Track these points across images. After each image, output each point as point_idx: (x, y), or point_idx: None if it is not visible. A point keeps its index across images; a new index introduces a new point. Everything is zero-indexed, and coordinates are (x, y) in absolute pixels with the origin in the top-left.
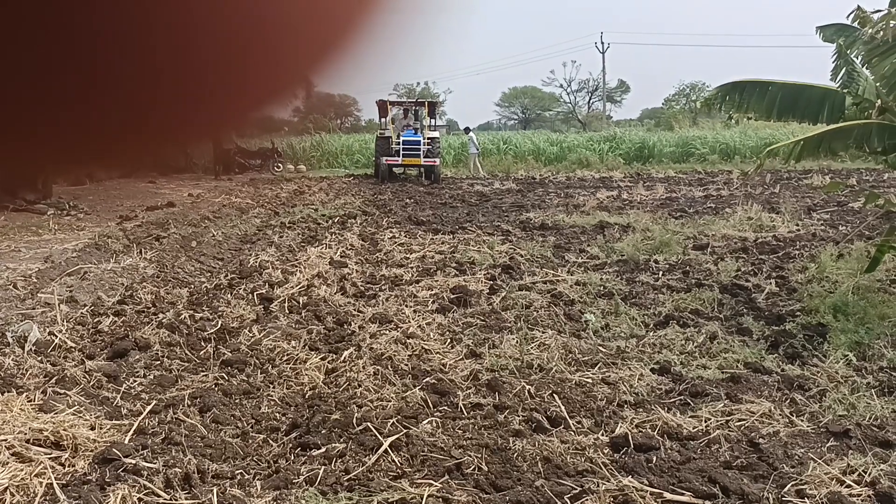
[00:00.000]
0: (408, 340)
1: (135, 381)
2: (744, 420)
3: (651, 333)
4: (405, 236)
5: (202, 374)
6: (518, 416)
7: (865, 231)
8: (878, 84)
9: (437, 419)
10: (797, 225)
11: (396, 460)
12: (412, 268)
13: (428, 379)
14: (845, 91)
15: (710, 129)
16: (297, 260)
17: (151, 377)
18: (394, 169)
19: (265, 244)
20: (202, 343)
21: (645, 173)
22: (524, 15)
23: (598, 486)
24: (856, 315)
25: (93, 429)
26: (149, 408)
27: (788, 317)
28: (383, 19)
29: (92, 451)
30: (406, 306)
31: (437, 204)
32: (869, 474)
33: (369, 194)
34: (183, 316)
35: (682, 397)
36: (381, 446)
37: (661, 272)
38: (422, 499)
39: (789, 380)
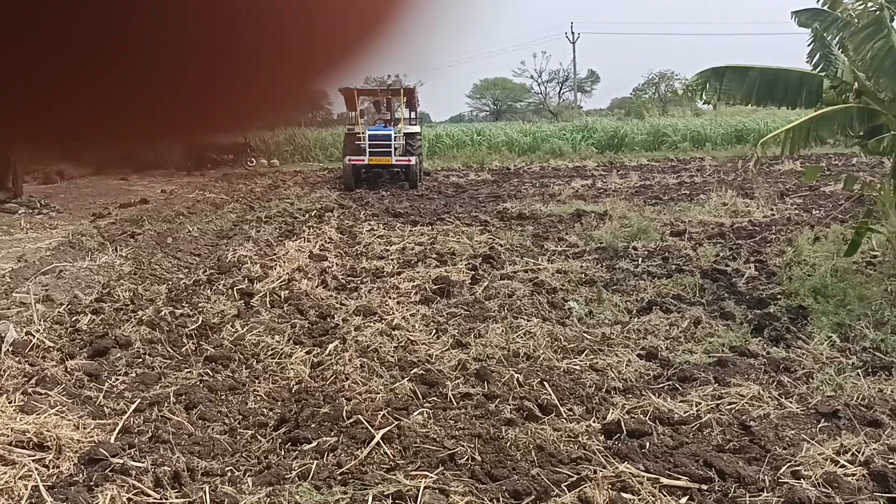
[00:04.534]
0: (393, 332)
1: (117, 380)
2: (734, 403)
3: (635, 320)
4: (384, 228)
5: (186, 370)
6: (509, 404)
7: (838, 215)
8: (854, 68)
9: (428, 410)
10: (771, 210)
11: (389, 452)
12: (393, 260)
13: (416, 370)
14: (822, 74)
15: (680, 117)
16: (275, 254)
17: (134, 375)
18: (363, 171)
19: (242, 239)
20: (184, 339)
21: (618, 162)
22: (493, 6)
23: (595, 472)
24: (836, 297)
25: (77, 429)
26: (133, 406)
27: (769, 300)
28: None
29: (77, 451)
30: (389, 298)
31: (414, 196)
32: (862, 454)
33: (345, 187)
34: (163, 312)
35: (670, 382)
36: (372, 439)
37: (640, 259)
38: (418, 491)
39: (775, 362)
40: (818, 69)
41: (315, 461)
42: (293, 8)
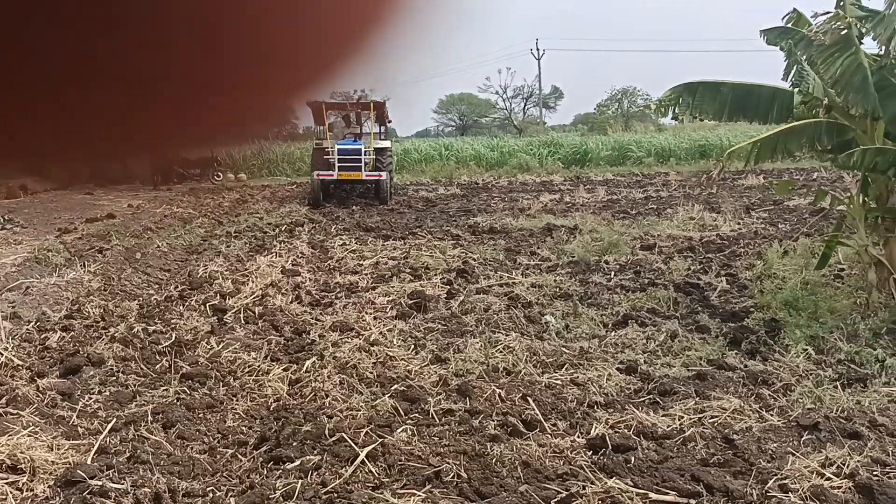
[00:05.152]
0: (371, 348)
1: (91, 399)
2: (716, 417)
3: (612, 333)
4: (356, 243)
5: (162, 388)
6: (492, 420)
7: (805, 230)
8: (825, 84)
9: (411, 427)
10: (738, 223)
11: (374, 471)
12: (366, 274)
13: (396, 386)
14: (796, 90)
15: (643, 133)
16: (246, 269)
17: (108, 393)
18: (332, 186)
19: (212, 254)
20: (157, 357)
21: (584, 177)
22: (461, 22)
23: (583, 488)
24: (807, 310)
25: (51, 450)
26: (109, 426)
27: (743, 313)
28: (404, 16)
29: (52, 473)
30: (365, 313)
31: (385, 210)
32: (847, 466)
33: (312, 203)
34: (135, 329)
35: (651, 396)
36: (357, 457)
37: (612, 272)
38: None
39: (753, 375)
40: (792, 85)
41: (299, 480)
42: (277, 26)
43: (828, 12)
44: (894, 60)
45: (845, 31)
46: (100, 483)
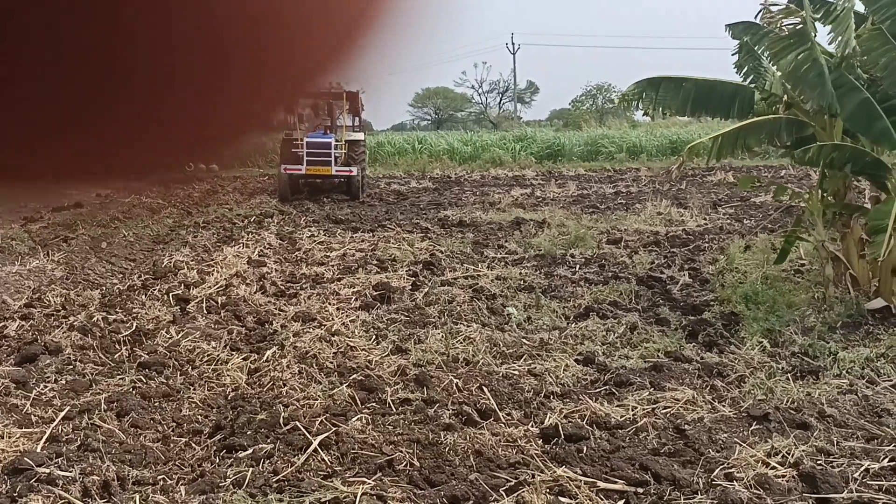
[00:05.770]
0: (332, 338)
1: (45, 387)
2: (669, 407)
3: (572, 325)
4: (324, 235)
5: (118, 377)
6: (448, 409)
7: (767, 224)
8: (782, 80)
9: (367, 416)
10: (705, 219)
11: (326, 459)
12: (333, 266)
13: (355, 376)
14: (753, 86)
15: (617, 129)
16: (213, 260)
17: (63, 382)
18: (301, 181)
19: (179, 244)
20: (117, 346)
21: (556, 171)
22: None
23: (533, 477)
24: (766, 304)
25: (1, 438)
26: (62, 414)
27: (703, 307)
28: (393, 13)
29: (0, 461)
30: (329, 304)
31: (355, 203)
32: (792, 455)
33: (279, 198)
34: (95, 318)
35: (607, 387)
36: (310, 445)
37: (577, 266)
38: (355, 497)
39: (709, 367)
40: (748, 81)
41: (251, 469)
42: (272, 28)
43: (776, 3)
44: (851, 59)
45: (801, 25)
46: (47, 471)
